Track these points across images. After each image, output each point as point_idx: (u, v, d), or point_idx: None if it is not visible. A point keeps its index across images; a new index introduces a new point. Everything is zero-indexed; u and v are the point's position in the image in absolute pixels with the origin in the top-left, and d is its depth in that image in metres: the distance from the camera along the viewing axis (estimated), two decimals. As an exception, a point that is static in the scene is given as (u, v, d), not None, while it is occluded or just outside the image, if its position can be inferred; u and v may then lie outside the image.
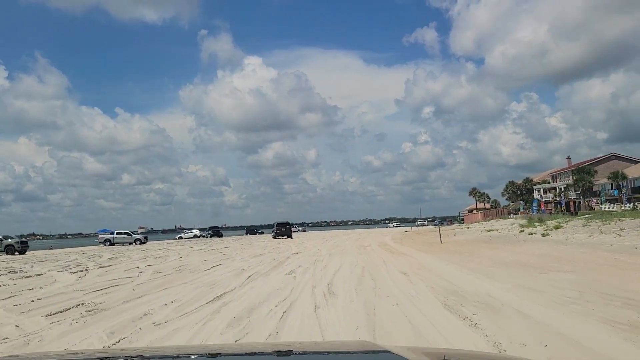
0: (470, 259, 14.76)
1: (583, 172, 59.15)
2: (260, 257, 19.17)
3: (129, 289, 10.18)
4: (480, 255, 15.73)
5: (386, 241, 32.37)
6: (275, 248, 27.09)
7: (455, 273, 11.24)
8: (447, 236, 32.66)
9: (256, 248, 27.65)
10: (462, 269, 12.07)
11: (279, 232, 46.99)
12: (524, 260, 13.08)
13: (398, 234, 49.90)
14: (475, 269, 11.69)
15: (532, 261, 12.74)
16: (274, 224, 49.60)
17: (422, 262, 14.76)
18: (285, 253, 21.91)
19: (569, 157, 72.13)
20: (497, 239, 23.97)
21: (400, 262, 15.10)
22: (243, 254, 22.18)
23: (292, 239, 41.58)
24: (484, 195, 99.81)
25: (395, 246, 25.55)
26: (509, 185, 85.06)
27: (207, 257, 20.45)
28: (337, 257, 18.37)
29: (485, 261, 13.65)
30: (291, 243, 33.29)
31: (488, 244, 22.00)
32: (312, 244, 31.63)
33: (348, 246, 27.12)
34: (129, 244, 49.34)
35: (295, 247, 27.29)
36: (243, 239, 46.05)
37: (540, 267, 11.18)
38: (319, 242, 34.61)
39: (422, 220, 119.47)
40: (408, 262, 14.71)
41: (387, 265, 14.10)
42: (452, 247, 21.90)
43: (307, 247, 27.78)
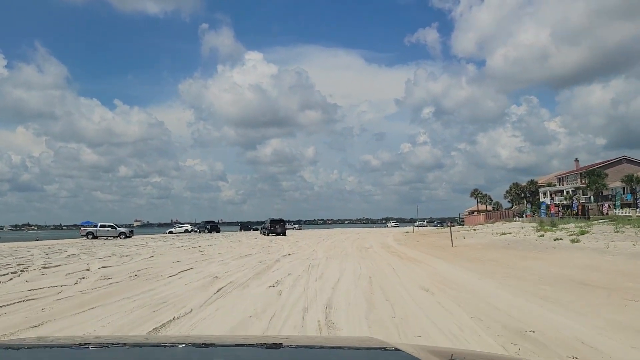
0: (503, 270, 11.79)
1: (594, 175, 56.38)
2: (245, 259, 16.19)
3: (41, 306, 7.18)
4: (512, 266, 12.78)
5: (388, 242, 29.43)
6: (266, 247, 24.11)
7: (498, 293, 8.28)
8: (455, 239, 29.73)
9: (244, 247, 24.66)
10: (502, 286, 9.12)
11: (272, 230, 44.19)
12: (578, 276, 10.12)
13: (399, 234, 46.99)
14: (522, 288, 8.73)
15: (592, 278, 9.78)
16: (267, 221, 46.71)
17: (442, 272, 11.81)
18: (275, 254, 18.95)
19: (577, 160, 69.31)
20: (516, 245, 21.04)
21: (414, 270, 12.16)
22: (226, 254, 19.19)
23: (286, 238, 38.55)
24: (486, 197, 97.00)
25: (401, 249, 22.60)
26: (513, 187, 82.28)
27: (182, 257, 17.44)
28: (335, 261, 15.40)
29: (525, 275, 10.69)
30: (284, 242, 30.29)
31: (509, 250, 19.06)
32: (308, 243, 28.66)
33: (347, 247, 24.17)
34: (113, 238, 46.51)
35: (287, 247, 24.33)
36: (234, 236, 43.05)
37: (615, 289, 8.23)
38: (315, 241, 31.66)
39: (421, 220, 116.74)
40: (425, 272, 11.77)
41: (400, 275, 11.15)
42: (468, 252, 18.95)
43: (301, 247, 24.82)
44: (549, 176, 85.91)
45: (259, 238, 37.37)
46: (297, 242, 29.79)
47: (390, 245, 25.48)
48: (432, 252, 19.83)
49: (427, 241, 29.43)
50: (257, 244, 27.79)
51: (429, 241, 29.37)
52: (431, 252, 19.46)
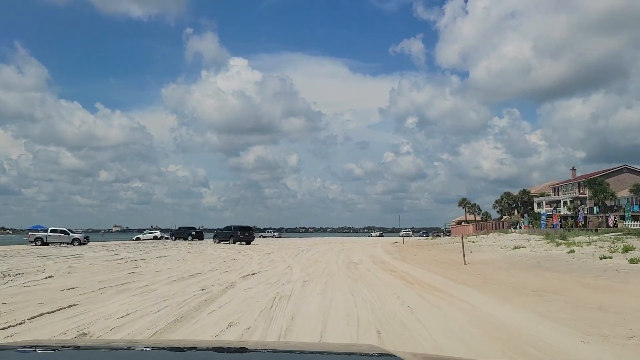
0: (589, 315, 7.06)
1: (595, 185, 52.74)
2: (184, 283, 11.18)
3: None
4: (589, 304, 8.06)
5: (380, 255, 24.66)
6: (229, 262, 19.07)
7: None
8: (452, 252, 25.15)
9: (200, 261, 19.57)
10: None
11: (241, 238, 39.45)
12: None
13: (387, 245, 42.24)
14: None
15: None
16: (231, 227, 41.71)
17: (490, 315, 7.06)
18: (235, 273, 13.99)
19: (574, 169, 65.86)
20: (548, 264, 16.45)
21: (442, 311, 7.40)
22: (166, 272, 14.12)
23: (257, 249, 33.45)
24: (475, 207, 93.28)
25: (400, 265, 17.82)
26: (504, 196, 78.58)
27: (97, 278, 12.32)
28: (316, 287, 10.54)
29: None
30: (255, 254, 25.24)
31: (546, 271, 14.43)
32: (283, 256, 23.69)
33: (331, 262, 19.29)
34: (66, 245, 40.95)
35: (257, 262, 19.33)
36: (202, 245, 37.77)
37: None
38: (293, 252, 26.71)
39: (407, 230, 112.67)
40: (462, 315, 7.02)
41: (424, 322, 6.41)
42: (491, 273, 14.26)
43: (273, 261, 19.85)
44: (542, 186, 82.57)
45: (229, 248, 32.17)
46: (271, 254, 24.78)
47: (384, 260, 20.69)
48: (443, 271, 15.08)
49: (426, 255, 24.73)
50: (220, 256, 22.69)
51: (428, 255, 24.67)
52: (442, 272, 14.70)
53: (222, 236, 41.42)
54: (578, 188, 60.77)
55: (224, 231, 42.15)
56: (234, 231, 40.46)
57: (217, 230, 45.67)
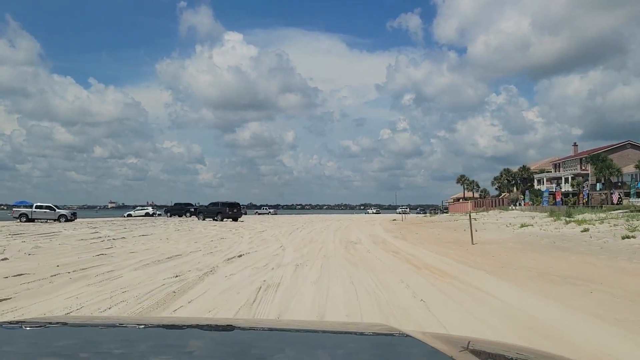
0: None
1: (599, 161, 51.29)
2: (160, 267, 9.68)
3: None
4: None
5: (379, 234, 23.28)
6: (216, 241, 17.60)
7: None
8: (463, 231, 23.79)
9: (186, 239, 18.10)
10: None
11: (230, 215, 38.05)
12: None
13: (386, 222, 40.94)
14: None
15: None
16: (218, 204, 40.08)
17: (523, 311, 5.59)
18: (221, 255, 12.51)
19: (576, 144, 64.35)
20: (565, 243, 15.05)
21: (461, 302, 5.93)
22: (144, 253, 12.60)
23: (250, 226, 32.03)
24: (473, 184, 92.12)
25: (402, 246, 16.39)
26: (504, 173, 77.21)
27: (53, 261, 10.78)
28: (310, 273, 9.05)
29: None
30: (246, 231, 23.81)
31: (565, 253, 13.02)
32: (276, 234, 22.25)
33: (328, 242, 17.85)
34: (53, 221, 39.41)
35: (247, 241, 17.88)
36: (192, 223, 36.30)
37: None
38: (287, 230, 25.28)
39: (404, 207, 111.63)
40: (484, 308, 5.57)
41: (442, 319, 4.91)
42: (505, 255, 12.83)
43: (265, 240, 18.41)
44: (542, 162, 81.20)
45: (220, 226, 30.71)
46: (264, 233, 23.33)
47: (384, 240, 19.27)
48: (452, 253, 13.64)
49: (428, 234, 23.34)
50: (208, 234, 21.22)
51: (430, 234, 23.29)
52: (451, 254, 13.26)
53: (208, 213, 39.80)
54: (580, 164, 59.40)
55: (209, 207, 40.45)
56: (222, 207, 38.92)
57: (201, 206, 43.63)
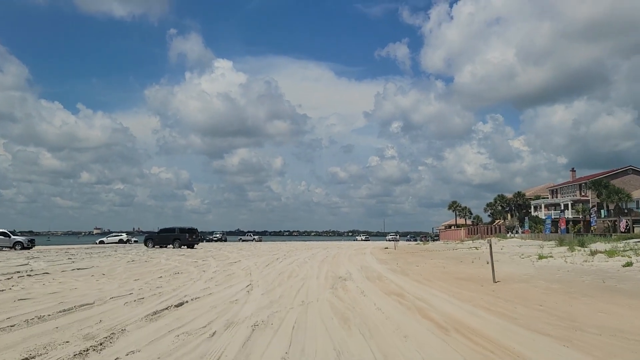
0: None
1: (601, 186, 48.62)
2: (36, 330, 5.98)
3: None
4: None
5: (372, 265, 19.63)
6: (166, 279, 13.81)
7: None
8: (462, 262, 20.27)
9: (127, 277, 14.27)
10: None
11: (185, 241, 34.44)
12: None
13: (377, 251, 37.22)
14: None
15: None
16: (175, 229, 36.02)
17: None
18: (151, 304, 8.82)
19: (573, 170, 61.92)
20: (625, 284, 11.61)
21: None
22: (31, 304, 8.86)
23: (223, 256, 28.18)
24: (465, 210, 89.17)
25: (404, 284, 12.76)
26: (498, 199, 74.38)
27: None
28: (271, 345, 5.39)
29: None
30: (213, 263, 20.00)
31: (628, 299, 9.55)
32: (250, 266, 18.50)
33: (310, 277, 14.16)
34: (8, 249, 35.32)
35: (206, 278, 14.12)
36: (159, 252, 32.23)
37: None
38: (264, 261, 21.52)
39: (394, 234, 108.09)
40: None
41: None
42: (563, 304, 9.31)
43: (231, 275, 14.66)
44: (537, 188, 78.74)
45: (186, 255, 26.77)
46: (235, 265, 19.54)
47: (380, 275, 15.61)
48: (476, 297, 10.08)
49: (430, 266, 19.73)
50: (165, 267, 17.39)
51: (433, 266, 19.69)
52: (476, 300, 9.70)
53: (160, 240, 35.70)
54: (579, 190, 56.77)
55: (161, 234, 36.37)
56: (180, 234, 35.09)
57: (152, 233, 40.10)
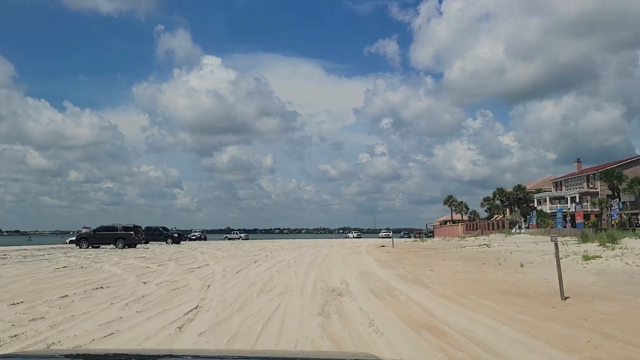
0: None
1: (613, 177, 44.92)
2: None
3: None
4: None
5: (373, 269, 15.41)
6: (75, 300, 9.46)
7: None
8: (485, 264, 16.16)
9: (9, 298, 9.90)
10: None
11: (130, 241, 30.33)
12: None
13: (373, 249, 32.98)
14: None
15: None
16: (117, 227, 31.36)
17: None
18: None
19: (579, 160, 58.29)
20: None
21: None
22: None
23: (192, 257, 23.79)
24: (462, 205, 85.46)
25: (427, 302, 8.53)
26: (497, 193, 70.67)
27: None
28: None
29: None
30: (169, 268, 15.64)
31: None
32: (217, 272, 14.18)
33: (293, 289, 9.90)
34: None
35: (130, 299, 9.80)
36: (107, 254, 27.78)
37: None
38: (240, 264, 17.24)
39: (387, 231, 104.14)
40: None
41: None
42: None
43: (181, 289, 10.34)
44: (537, 182, 75.19)
45: (141, 258, 22.39)
46: (200, 270, 15.20)
47: (388, 286, 11.34)
48: (572, 336, 5.86)
49: (448, 271, 15.51)
50: (101, 275, 13.00)
51: (451, 270, 15.47)
52: (579, 344, 5.46)
53: (96, 239, 31.32)
54: (587, 182, 53.13)
55: (99, 233, 31.82)
56: (125, 232, 30.73)
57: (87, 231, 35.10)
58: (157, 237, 45.74)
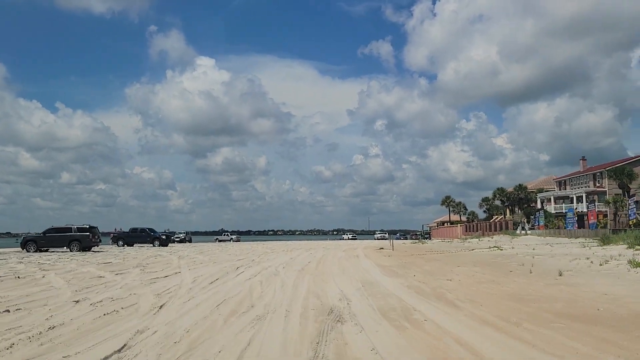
0: None
1: (624, 175, 42.52)
2: None
3: None
4: None
5: (378, 279, 12.65)
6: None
7: None
8: (512, 272, 13.46)
9: None
10: None
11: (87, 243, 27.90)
12: None
13: (372, 252, 30.20)
14: None
15: None
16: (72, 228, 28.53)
17: None
18: None
19: (584, 158, 55.88)
20: None
21: None
22: None
23: (165, 262, 20.95)
24: (460, 205, 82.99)
25: (473, 338, 5.76)
26: (498, 193, 68.15)
27: None
28: None
29: None
30: (131, 276, 12.75)
31: None
32: (183, 283, 11.34)
33: (273, 316, 7.05)
34: None
35: (32, 333, 6.96)
36: (60, 259, 24.81)
37: None
38: (216, 272, 14.42)
39: (382, 232, 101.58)
40: None
41: None
42: None
43: (118, 314, 7.49)
44: (537, 181, 72.88)
45: (107, 263, 19.51)
46: (164, 280, 12.34)
47: (406, 306, 8.54)
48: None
49: (470, 279, 12.75)
50: (39, 291, 10.15)
51: (472, 278, 12.72)
52: None
53: (46, 242, 28.34)
54: (593, 180, 50.75)
55: (49, 234, 28.60)
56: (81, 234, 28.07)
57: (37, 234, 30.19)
58: (143, 239, 42.88)
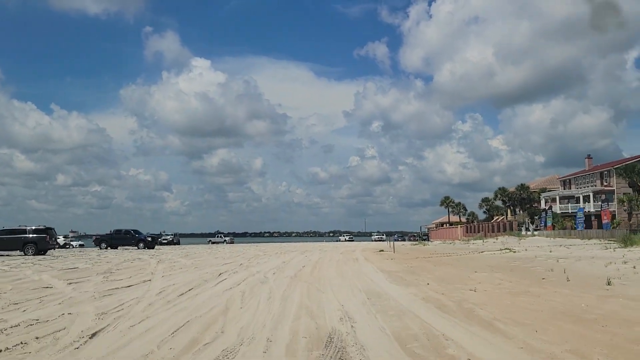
0: None
1: (634, 173, 40.54)
2: None
3: None
4: None
5: (385, 289, 10.45)
6: None
7: None
8: (541, 281, 11.30)
9: None
10: None
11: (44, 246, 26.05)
12: None
13: (372, 255, 28.01)
14: None
15: None
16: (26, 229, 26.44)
17: None
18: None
19: (590, 157, 53.92)
20: None
21: None
22: None
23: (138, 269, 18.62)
24: (460, 206, 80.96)
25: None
26: (499, 193, 66.10)
27: None
28: None
29: None
30: (88, 285, 10.44)
31: None
32: (147, 294, 9.07)
33: (250, 351, 4.82)
34: None
35: None
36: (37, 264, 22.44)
37: None
38: (195, 279, 12.18)
39: (380, 234, 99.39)
40: None
41: None
42: None
43: (49, 339, 5.25)
44: (539, 181, 70.86)
45: (57, 268, 17.22)
46: (125, 291, 10.06)
47: (431, 333, 6.31)
48: None
49: (497, 288, 10.53)
50: None
51: (498, 287, 10.51)
52: None
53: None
54: (601, 179, 48.74)
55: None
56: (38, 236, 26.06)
57: None
58: (127, 241, 40.52)
